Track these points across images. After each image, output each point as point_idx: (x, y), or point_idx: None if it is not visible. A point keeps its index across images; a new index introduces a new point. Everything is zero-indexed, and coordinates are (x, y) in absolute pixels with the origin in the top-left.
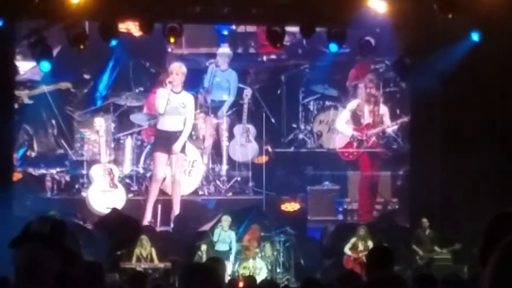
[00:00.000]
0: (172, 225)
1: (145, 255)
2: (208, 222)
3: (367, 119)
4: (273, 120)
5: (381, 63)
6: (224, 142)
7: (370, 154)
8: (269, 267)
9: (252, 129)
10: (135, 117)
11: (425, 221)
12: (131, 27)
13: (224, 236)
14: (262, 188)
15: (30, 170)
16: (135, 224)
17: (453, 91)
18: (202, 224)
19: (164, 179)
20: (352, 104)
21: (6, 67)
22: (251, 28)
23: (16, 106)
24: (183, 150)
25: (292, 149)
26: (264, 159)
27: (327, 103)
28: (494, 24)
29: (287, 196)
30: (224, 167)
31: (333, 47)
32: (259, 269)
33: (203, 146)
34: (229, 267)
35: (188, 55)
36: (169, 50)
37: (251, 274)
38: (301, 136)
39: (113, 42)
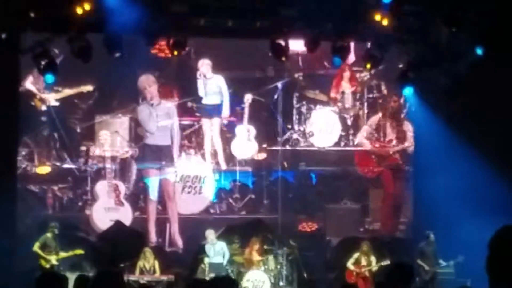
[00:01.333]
0: (181, 245)
1: (148, 268)
2: None
3: (389, 135)
4: (272, 122)
5: (366, 71)
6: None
7: (392, 171)
8: (272, 280)
9: (252, 129)
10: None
11: (429, 233)
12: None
13: (218, 249)
14: (278, 206)
15: (30, 186)
16: (139, 236)
17: (457, 106)
18: None
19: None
20: (374, 118)
21: (11, 79)
22: (296, 47)
23: (44, 108)
24: (171, 164)
25: (287, 147)
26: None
27: (318, 106)
28: (498, 38)
29: (304, 215)
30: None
31: (337, 61)
32: (262, 282)
33: (213, 162)
34: None
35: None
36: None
37: (254, 287)
38: (295, 136)
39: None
